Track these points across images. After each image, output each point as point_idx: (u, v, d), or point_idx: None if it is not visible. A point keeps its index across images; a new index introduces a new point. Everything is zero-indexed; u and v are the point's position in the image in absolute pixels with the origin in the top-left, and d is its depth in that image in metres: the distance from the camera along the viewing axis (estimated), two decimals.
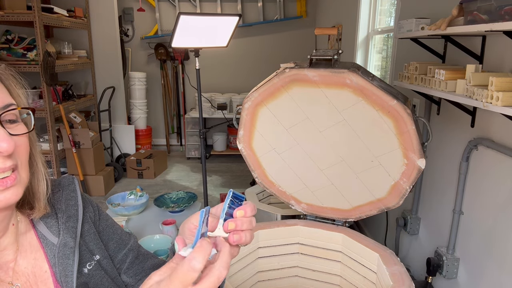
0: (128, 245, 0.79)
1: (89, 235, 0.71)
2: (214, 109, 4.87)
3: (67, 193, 0.71)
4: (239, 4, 5.21)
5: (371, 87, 1.40)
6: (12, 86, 0.61)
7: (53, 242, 0.65)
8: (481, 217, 1.49)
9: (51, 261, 0.65)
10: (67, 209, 0.69)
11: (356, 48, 3.22)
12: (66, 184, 0.72)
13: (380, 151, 1.50)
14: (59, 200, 0.70)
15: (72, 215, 0.69)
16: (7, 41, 3.41)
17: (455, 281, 1.67)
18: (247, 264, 1.62)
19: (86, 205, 0.74)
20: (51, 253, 0.65)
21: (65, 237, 0.66)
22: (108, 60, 4.40)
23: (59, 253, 0.65)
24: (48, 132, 3.40)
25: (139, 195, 2.73)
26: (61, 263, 0.64)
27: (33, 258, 0.65)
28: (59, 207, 0.69)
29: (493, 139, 1.40)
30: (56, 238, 0.66)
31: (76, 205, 0.70)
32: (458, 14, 1.29)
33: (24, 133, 0.59)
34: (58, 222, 0.67)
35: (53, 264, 0.65)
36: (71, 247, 0.66)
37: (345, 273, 1.62)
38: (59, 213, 0.68)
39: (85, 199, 0.75)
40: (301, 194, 1.76)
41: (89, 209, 0.74)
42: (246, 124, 1.69)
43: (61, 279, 0.64)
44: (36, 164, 0.65)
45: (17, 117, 0.59)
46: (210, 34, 2.40)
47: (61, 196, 0.70)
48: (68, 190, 0.72)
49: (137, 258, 0.79)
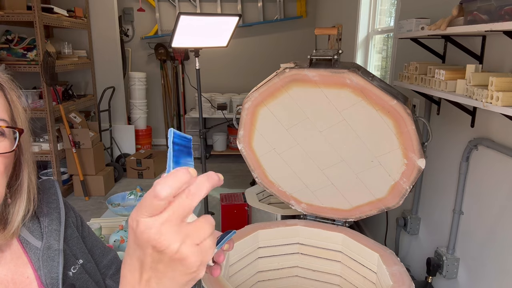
0: (111, 253, 0.79)
1: (72, 239, 0.70)
2: (214, 109, 4.87)
3: (48, 196, 0.70)
4: (239, 4, 5.21)
5: (371, 87, 1.40)
6: (13, 101, 0.59)
7: (36, 246, 0.64)
8: (481, 217, 1.49)
9: (36, 264, 0.63)
10: (49, 212, 0.67)
11: (356, 48, 3.22)
12: (46, 188, 0.71)
13: (380, 151, 1.50)
14: (40, 204, 0.68)
15: (54, 218, 0.67)
16: (7, 41, 3.41)
17: (455, 281, 1.67)
18: (247, 264, 1.62)
19: (67, 210, 0.73)
20: (35, 257, 0.63)
21: (48, 240, 0.65)
22: (108, 60, 4.40)
23: (43, 256, 0.63)
24: (48, 132, 3.40)
25: (139, 195, 2.73)
26: (46, 266, 0.63)
27: (13, 264, 0.62)
28: (40, 211, 0.67)
29: (493, 139, 1.40)
30: (40, 242, 0.64)
31: (58, 208, 0.69)
32: (458, 14, 1.29)
33: (3, 153, 0.54)
34: (40, 225, 0.66)
35: (37, 267, 0.63)
36: (55, 249, 0.64)
37: (345, 273, 1.62)
38: (41, 216, 0.66)
39: (66, 204, 0.74)
40: (301, 194, 1.76)
41: (70, 214, 0.73)
42: (246, 124, 1.69)
43: (47, 282, 0.62)
44: (19, 189, 0.61)
45: (3, 133, 0.55)
46: (210, 34, 2.40)
47: (42, 199, 0.68)
48: (49, 193, 0.70)
49: (118, 271, 0.78)
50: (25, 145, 0.62)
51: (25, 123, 0.61)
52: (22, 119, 0.60)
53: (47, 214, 0.67)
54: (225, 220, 2.58)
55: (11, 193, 0.61)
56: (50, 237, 0.65)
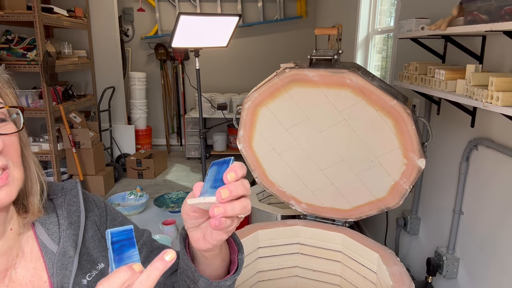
0: (140, 240, 0.76)
1: (93, 241, 0.68)
2: (214, 109, 4.87)
3: (69, 198, 0.68)
4: (239, 4, 5.21)
5: (371, 87, 1.40)
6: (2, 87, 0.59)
7: (52, 251, 0.63)
8: (481, 217, 1.49)
9: (50, 270, 0.62)
10: (68, 215, 0.66)
11: (356, 48, 3.22)
12: (69, 189, 0.70)
13: (380, 151, 1.50)
14: (61, 206, 0.67)
15: (73, 222, 0.66)
16: (7, 41, 3.41)
17: (455, 281, 1.67)
18: (247, 264, 1.62)
19: (91, 208, 0.71)
20: (50, 262, 0.62)
21: (65, 245, 0.63)
22: (108, 60, 4.40)
23: (58, 263, 0.62)
24: (48, 132, 3.40)
25: (139, 195, 2.73)
26: (59, 274, 0.62)
27: (32, 267, 0.62)
28: (61, 213, 0.66)
29: (493, 139, 1.40)
30: (56, 246, 0.63)
31: (78, 211, 0.67)
32: (458, 14, 1.29)
33: (12, 133, 0.57)
34: (59, 228, 0.65)
35: (51, 274, 0.62)
36: (70, 256, 0.63)
37: (345, 273, 1.62)
38: (60, 219, 0.66)
39: (90, 201, 0.72)
40: (301, 194, 1.76)
41: (94, 212, 0.71)
42: (246, 124, 1.69)
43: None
44: (29, 166, 0.62)
45: (6, 116, 0.57)
46: (210, 34, 2.40)
47: (64, 201, 0.67)
48: (71, 195, 0.69)
49: (152, 252, 0.76)
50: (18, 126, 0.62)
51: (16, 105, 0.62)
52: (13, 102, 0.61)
53: (67, 217, 0.66)
54: None
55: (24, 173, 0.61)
56: (66, 242, 0.64)
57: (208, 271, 0.62)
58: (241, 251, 0.63)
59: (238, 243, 0.64)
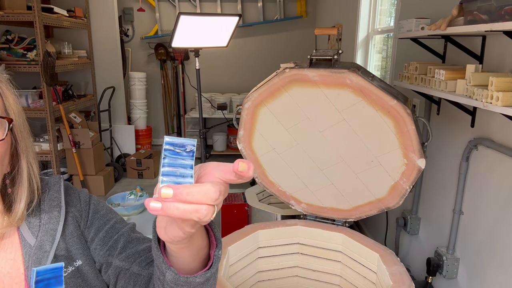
0: (119, 231, 0.75)
1: (72, 238, 0.69)
2: (214, 109, 4.87)
3: (52, 193, 0.69)
4: (239, 4, 5.21)
5: (371, 87, 1.40)
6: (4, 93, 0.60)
7: (30, 244, 0.64)
8: (481, 217, 1.49)
9: (26, 263, 0.63)
10: (49, 210, 0.67)
11: (356, 48, 3.22)
12: (52, 184, 0.71)
13: (380, 151, 1.50)
14: (44, 200, 0.68)
15: (53, 217, 0.67)
16: (7, 41, 3.41)
17: (455, 281, 1.67)
18: (247, 264, 1.62)
19: (74, 203, 0.71)
20: (26, 255, 0.63)
21: (42, 239, 0.64)
22: (108, 60, 4.40)
23: (33, 256, 0.63)
24: (48, 132, 3.40)
25: (139, 195, 2.73)
26: (34, 267, 0.62)
27: (11, 258, 0.63)
28: (43, 208, 0.67)
29: (493, 139, 1.40)
30: (34, 239, 0.64)
31: (59, 206, 0.68)
32: (458, 14, 1.29)
33: None
34: (40, 222, 0.66)
35: (26, 266, 0.63)
36: (45, 250, 0.64)
37: (345, 273, 1.62)
38: (42, 213, 0.67)
39: (74, 197, 0.72)
40: (301, 194, 1.76)
41: (76, 207, 0.71)
42: (246, 124, 1.69)
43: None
44: (20, 178, 0.63)
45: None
46: (210, 34, 2.40)
47: (46, 196, 0.68)
48: (53, 190, 0.70)
49: (130, 242, 0.74)
50: (20, 135, 0.62)
51: (18, 113, 0.62)
52: (14, 110, 0.61)
53: (48, 211, 0.67)
54: (225, 220, 2.58)
55: (11, 183, 0.62)
56: (44, 236, 0.65)
57: (179, 264, 0.56)
58: (218, 247, 0.57)
59: (217, 238, 0.59)
